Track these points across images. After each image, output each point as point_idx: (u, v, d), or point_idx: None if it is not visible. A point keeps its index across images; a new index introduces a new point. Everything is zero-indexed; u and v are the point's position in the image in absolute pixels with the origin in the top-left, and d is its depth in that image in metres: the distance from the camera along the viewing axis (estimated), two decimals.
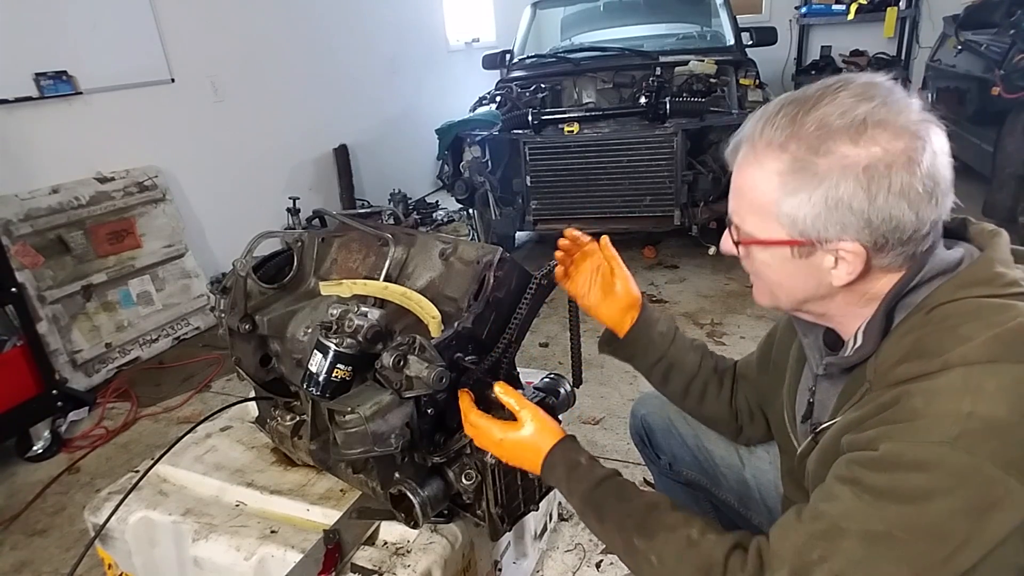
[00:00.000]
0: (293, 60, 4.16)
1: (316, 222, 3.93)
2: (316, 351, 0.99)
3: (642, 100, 3.35)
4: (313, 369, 0.99)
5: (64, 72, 2.83)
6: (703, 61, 3.69)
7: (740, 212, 0.77)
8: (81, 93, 2.90)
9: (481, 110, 3.75)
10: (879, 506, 0.64)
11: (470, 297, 1.09)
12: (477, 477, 1.05)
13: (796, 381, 0.92)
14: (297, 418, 1.28)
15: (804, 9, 5.92)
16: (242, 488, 1.28)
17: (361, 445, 0.93)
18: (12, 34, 2.66)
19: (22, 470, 2.25)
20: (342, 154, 4.60)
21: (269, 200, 3.99)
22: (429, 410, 1.01)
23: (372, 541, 1.15)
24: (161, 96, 3.30)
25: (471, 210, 3.98)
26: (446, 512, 1.15)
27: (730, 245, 0.80)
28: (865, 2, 5.59)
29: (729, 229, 0.80)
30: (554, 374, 1.25)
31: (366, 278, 1.20)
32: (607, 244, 1.10)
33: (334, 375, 0.98)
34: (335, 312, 0.99)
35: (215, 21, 3.57)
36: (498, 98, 3.84)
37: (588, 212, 3.46)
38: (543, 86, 3.84)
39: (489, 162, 3.54)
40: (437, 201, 5.24)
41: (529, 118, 3.43)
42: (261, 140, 3.95)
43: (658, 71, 3.66)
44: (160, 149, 3.29)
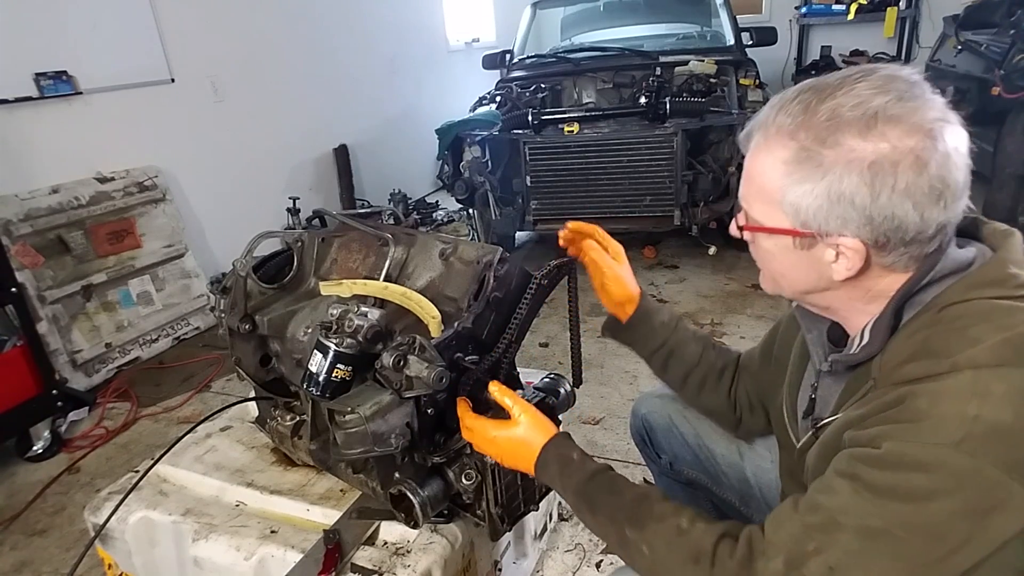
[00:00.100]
0: (293, 60, 4.16)
1: (316, 222, 3.93)
2: (316, 351, 0.99)
3: (642, 100, 3.35)
4: (313, 369, 0.99)
5: (64, 72, 2.83)
6: (703, 61, 3.68)
7: (748, 198, 0.76)
8: (81, 93, 2.90)
9: (481, 110, 3.75)
10: (878, 503, 0.64)
11: (470, 297, 1.09)
12: (477, 477, 1.05)
13: (798, 377, 0.91)
14: (297, 418, 1.28)
15: (804, 9, 5.91)
16: (242, 488, 1.28)
17: (361, 445, 0.93)
18: (12, 34, 2.66)
19: (22, 470, 2.25)
20: (342, 154, 4.60)
21: (269, 200, 3.99)
22: (429, 410, 1.01)
23: (372, 541, 1.15)
24: (161, 96, 3.30)
25: (471, 210, 3.98)
26: (446, 512, 1.15)
27: (736, 229, 0.80)
28: (865, 2, 5.59)
29: (736, 214, 0.80)
30: (554, 374, 1.25)
31: (366, 278, 1.20)
32: (589, 248, 1.12)
33: (334, 375, 0.98)
34: (335, 312, 0.99)
35: (215, 21, 3.57)
36: (498, 98, 3.84)
37: (588, 212, 3.46)
38: (543, 86, 3.83)
39: (489, 162, 3.54)
40: (437, 201, 5.24)
41: (529, 118, 3.43)
42: (261, 140, 3.95)
43: (658, 71, 3.65)
44: (160, 149, 3.29)
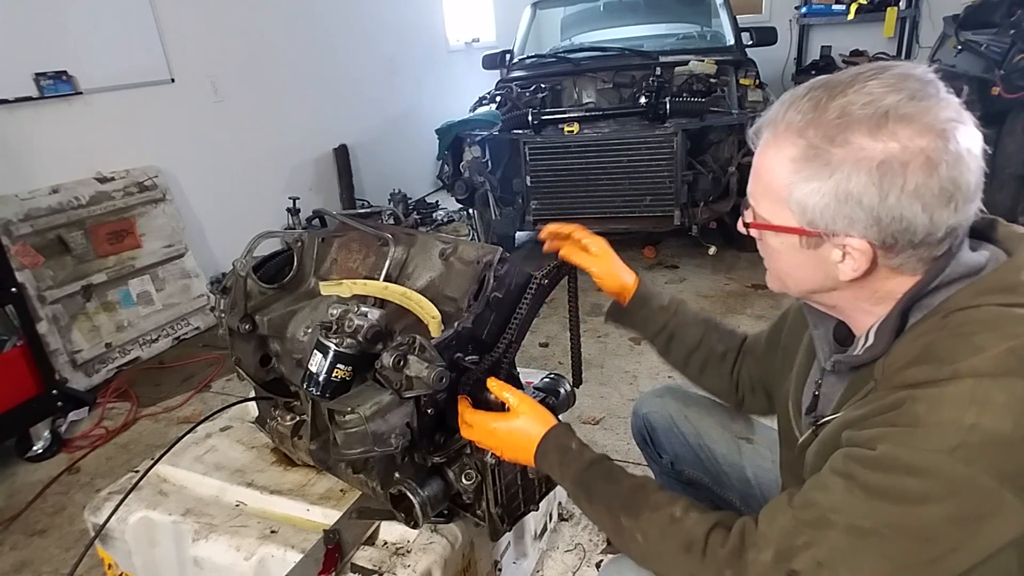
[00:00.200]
0: (293, 60, 4.16)
1: (316, 222, 3.93)
2: (316, 351, 0.99)
3: (642, 100, 3.34)
4: (313, 369, 0.99)
5: (64, 72, 2.83)
6: (703, 61, 3.68)
7: (755, 195, 0.76)
8: (81, 93, 2.90)
9: (481, 110, 3.74)
10: (870, 503, 0.64)
11: (470, 297, 1.09)
12: (477, 477, 1.05)
13: (805, 372, 0.91)
14: (297, 418, 1.27)
15: (804, 9, 5.91)
16: (242, 488, 1.28)
17: (361, 445, 0.93)
18: (12, 34, 2.66)
19: (22, 470, 2.25)
20: (342, 154, 4.60)
21: (269, 200, 3.99)
22: (429, 410, 1.01)
23: (372, 541, 1.15)
24: (161, 96, 3.30)
25: (471, 210, 3.98)
26: (446, 512, 1.15)
27: (742, 226, 0.79)
28: (865, 2, 5.58)
29: (744, 210, 0.79)
30: (554, 374, 1.25)
31: (366, 278, 1.20)
32: (570, 253, 1.14)
33: (334, 375, 0.98)
34: (335, 312, 0.99)
35: (215, 21, 3.57)
36: (498, 98, 3.83)
37: (588, 212, 3.46)
38: (543, 86, 3.83)
39: (489, 162, 3.54)
40: (437, 201, 5.24)
41: (529, 118, 3.43)
42: (261, 140, 3.95)
43: (658, 71, 3.65)
44: (160, 149, 3.29)
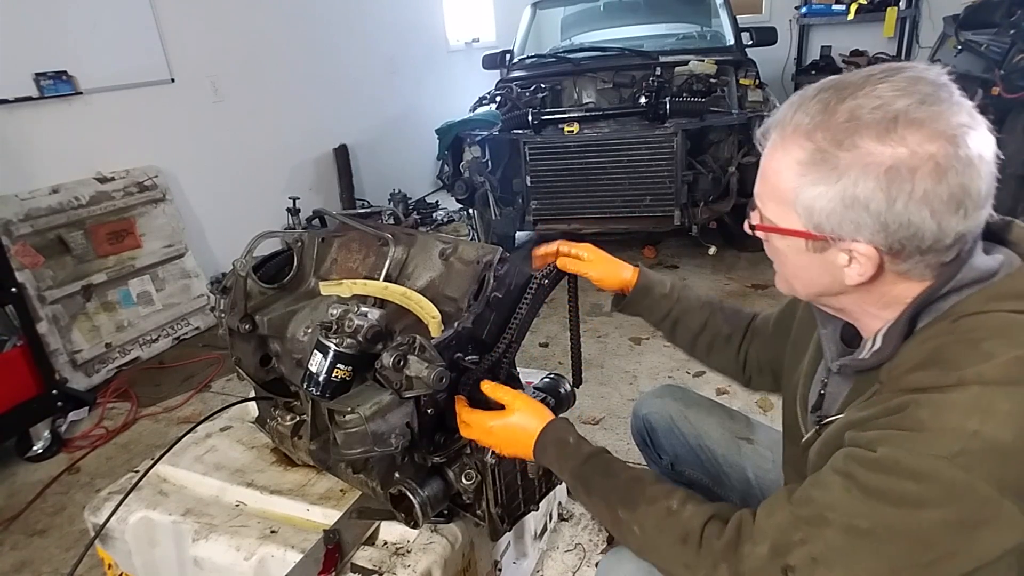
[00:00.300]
0: (293, 60, 4.16)
1: (316, 222, 3.93)
2: (316, 351, 0.99)
3: (642, 100, 3.34)
4: (313, 369, 0.99)
5: (64, 72, 2.83)
6: (703, 61, 3.68)
7: (762, 197, 0.75)
8: (81, 93, 2.90)
9: (481, 110, 3.74)
10: (868, 504, 0.64)
11: (470, 297, 1.09)
12: (477, 477, 1.05)
13: (813, 369, 0.90)
14: (297, 418, 1.27)
15: (804, 9, 5.91)
16: (242, 488, 1.28)
17: (361, 445, 0.93)
18: (12, 34, 2.66)
19: (22, 470, 2.25)
20: (342, 154, 4.60)
21: (269, 200, 3.99)
22: (429, 410, 1.01)
23: (372, 541, 1.15)
24: (161, 96, 3.30)
25: (471, 210, 3.98)
26: (446, 512, 1.15)
27: (748, 227, 0.79)
28: (865, 2, 5.58)
29: (750, 212, 0.79)
30: (554, 374, 1.25)
31: (366, 278, 1.19)
32: (564, 265, 1.15)
33: (334, 375, 0.98)
34: (335, 312, 0.99)
35: (215, 21, 3.57)
36: (498, 98, 3.83)
37: (588, 212, 3.46)
38: (543, 86, 3.83)
39: (489, 162, 3.54)
40: (437, 201, 5.24)
41: (529, 118, 3.43)
42: (261, 140, 3.95)
43: (658, 71, 3.65)
44: (160, 149, 3.29)
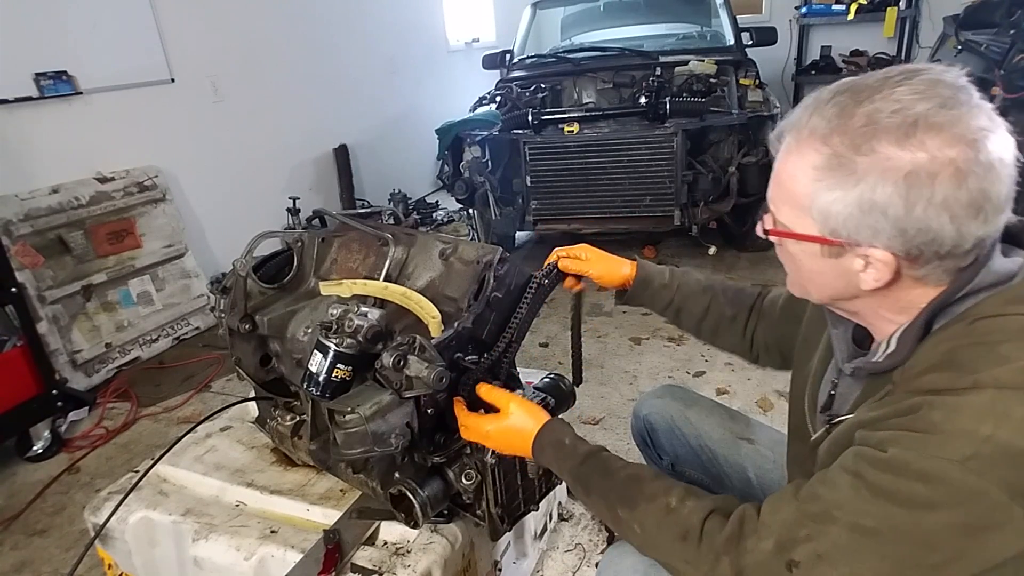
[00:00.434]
0: (293, 60, 4.16)
1: (316, 222, 3.93)
2: (316, 351, 0.99)
3: (642, 100, 3.34)
4: (313, 369, 0.99)
5: (64, 72, 2.83)
6: (703, 61, 3.68)
7: (776, 201, 0.74)
8: (81, 93, 2.90)
9: (481, 110, 3.74)
10: (876, 504, 0.64)
11: (470, 297, 1.09)
12: (477, 477, 1.05)
13: (822, 369, 0.89)
14: (297, 418, 1.27)
15: (804, 9, 5.90)
16: (242, 488, 1.28)
17: (361, 445, 0.93)
18: (12, 34, 2.66)
19: (22, 470, 2.25)
20: (342, 154, 4.60)
21: (269, 200, 3.99)
22: (429, 410, 1.01)
23: (372, 541, 1.15)
24: (161, 96, 3.30)
25: (471, 210, 3.98)
26: (446, 512, 1.15)
27: (762, 232, 0.78)
28: (865, 2, 5.58)
29: (763, 216, 0.78)
30: (554, 374, 1.25)
31: (366, 278, 1.19)
32: (566, 267, 1.17)
33: (334, 375, 0.98)
34: (335, 312, 0.99)
35: (215, 21, 3.57)
36: (498, 98, 3.83)
37: (588, 212, 3.46)
38: (543, 86, 3.83)
39: (489, 162, 3.54)
40: (437, 201, 5.24)
41: (529, 118, 3.43)
42: (261, 140, 3.95)
43: (658, 71, 3.65)
44: (160, 149, 3.29)
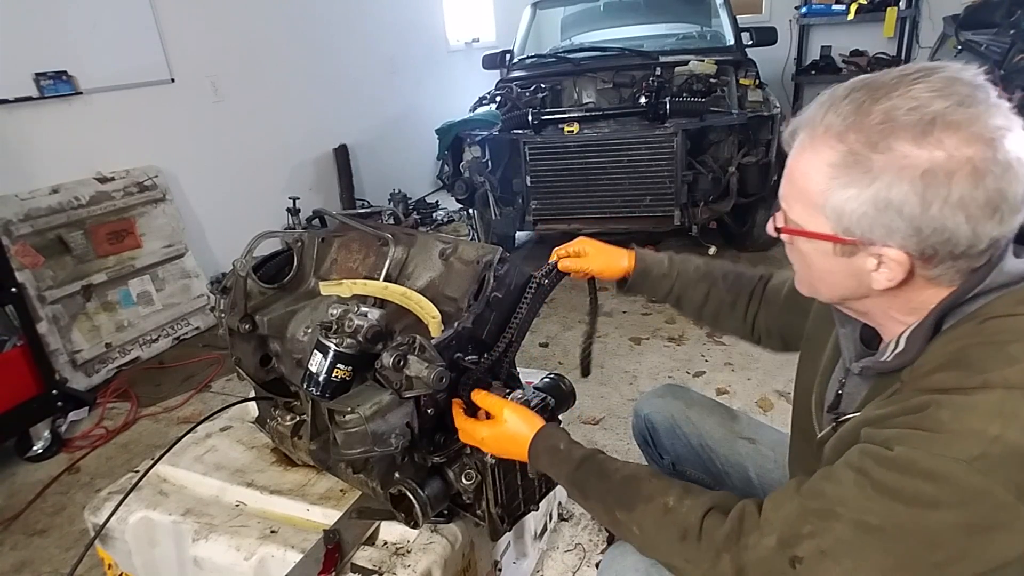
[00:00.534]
0: (293, 60, 4.16)
1: (316, 222, 3.93)
2: (316, 351, 0.99)
3: (642, 100, 3.34)
4: (313, 369, 0.99)
5: (64, 72, 2.83)
6: (703, 61, 3.68)
7: (788, 199, 0.74)
8: (81, 93, 2.90)
9: (481, 110, 3.74)
10: (880, 501, 0.64)
11: (470, 297, 1.09)
12: (477, 477, 1.06)
13: (830, 368, 0.89)
14: (297, 418, 1.27)
15: (804, 9, 5.90)
16: (242, 488, 1.28)
17: (361, 445, 0.93)
18: (12, 34, 2.66)
19: (22, 470, 2.25)
20: (342, 154, 4.60)
21: (269, 200, 3.99)
22: (429, 410, 1.01)
23: (372, 541, 1.15)
24: (161, 96, 3.30)
25: (471, 210, 3.97)
26: (446, 512, 1.15)
27: (773, 230, 0.77)
28: (865, 2, 5.58)
29: (775, 213, 0.77)
30: (554, 374, 1.25)
31: (366, 278, 1.19)
32: (568, 267, 1.18)
33: (334, 375, 0.98)
34: (335, 312, 0.99)
35: (215, 21, 3.57)
36: (498, 98, 3.83)
37: (588, 212, 3.45)
38: (543, 86, 3.82)
39: (489, 162, 3.54)
40: (437, 201, 5.24)
41: (529, 118, 3.43)
42: (261, 140, 3.95)
43: (658, 71, 3.65)
44: (160, 149, 3.29)
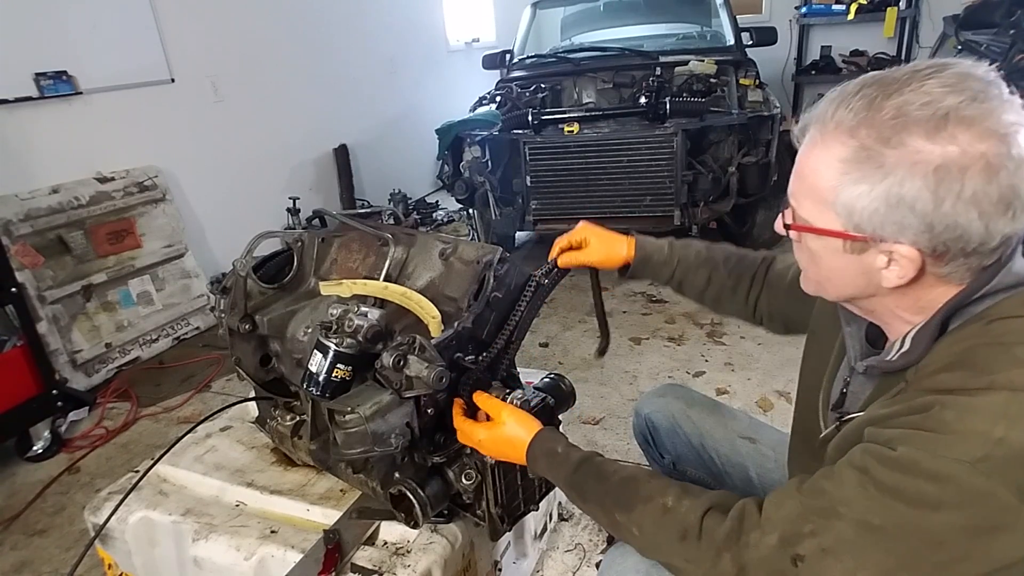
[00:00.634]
0: (293, 60, 4.16)
1: (316, 222, 3.93)
2: (316, 351, 0.99)
3: (642, 100, 3.34)
4: (313, 369, 0.99)
5: (64, 72, 2.83)
6: (703, 61, 3.68)
7: (798, 195, 0.73)
8: (81, 93, 2.90)
9: (481, 110, 3.74)
10: (882, 501, 0.63)
11: (470, 297, 1.09)
12: (477, 477, 1.06)
13: (836, 367, 0.88)
14: (297, 418, 1.27)
15: (804, 9, 5.90)
16: (242, 488, 1.28)
17: (361, 445, 0.93)
18: (12, 34, 2.66)
19: (22, 470, 2.25)
20: (342, 154, 4.60)
21: (269, 200, 3.99)
22: (429, 410, 1.01)
23: (372, 541, 1.15)
24: (161, 96, 3.30)
25: (471, 210, 3.98)
26: (446, 512, 1.15)
27: (781, 227, 0.77)
28: (865, 2, 5.58)
29: (784, 210, 0.76)
30: (554, 374, 1.25)
31: (366, 278, 1.20)
32: (568, 261, 1.17)
33: (334, 375, 0.98)
34: (335, 312, 0.99)
35: (215, 21, 3.57)
36: (498, 98, 3.83)
37: (588, 212, 3.44)
38: (543, 86, 3.83)
39: (489, 162, 3.54)
40: (437, 201, 5.24)
41: (529, 118, 3.43)
42: (261, 140, 3.95)
43: (658, 71, 3.65)
44: (160, 149, 3.29)
